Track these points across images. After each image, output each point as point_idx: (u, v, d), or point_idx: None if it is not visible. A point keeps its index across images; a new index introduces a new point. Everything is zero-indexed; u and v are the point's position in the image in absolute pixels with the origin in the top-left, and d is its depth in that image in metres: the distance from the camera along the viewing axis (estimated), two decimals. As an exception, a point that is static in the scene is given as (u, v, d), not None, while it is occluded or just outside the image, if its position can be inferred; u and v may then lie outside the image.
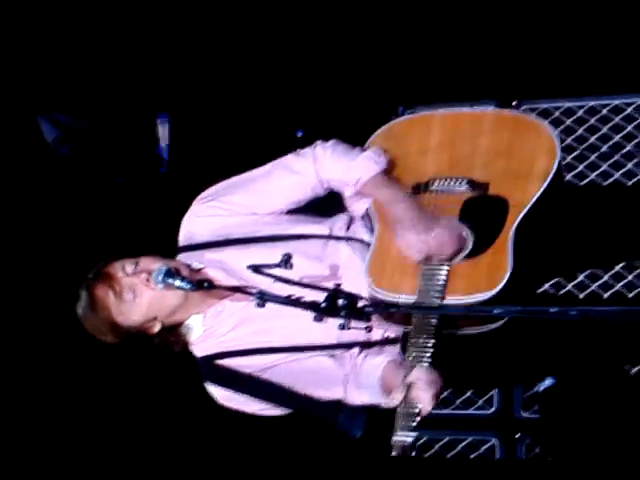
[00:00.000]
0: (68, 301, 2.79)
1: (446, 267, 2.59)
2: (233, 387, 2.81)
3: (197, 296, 2.76)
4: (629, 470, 2.19)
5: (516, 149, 2.72)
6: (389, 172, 2.79)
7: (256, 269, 2.58)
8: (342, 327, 2.38)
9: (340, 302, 2.35)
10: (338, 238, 2.84)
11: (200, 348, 2.85)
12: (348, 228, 2.87)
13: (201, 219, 2.87)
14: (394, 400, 2.41)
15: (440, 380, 2.47)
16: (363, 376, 2.75)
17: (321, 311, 2.37)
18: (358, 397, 2.72)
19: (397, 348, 2.81)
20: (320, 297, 2.40)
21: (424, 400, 2.40)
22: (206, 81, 4.04)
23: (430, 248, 2.63)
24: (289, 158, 2.86)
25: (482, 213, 2.67)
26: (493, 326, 2.58)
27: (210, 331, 2.84)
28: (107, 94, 3.93)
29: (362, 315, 2.38)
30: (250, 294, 2.49)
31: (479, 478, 2.12)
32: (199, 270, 2.82)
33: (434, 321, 2.49)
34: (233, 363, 2.81)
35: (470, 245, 2.63)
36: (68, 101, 3.88)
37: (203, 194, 2.89)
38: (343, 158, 2.78)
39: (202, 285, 2.62)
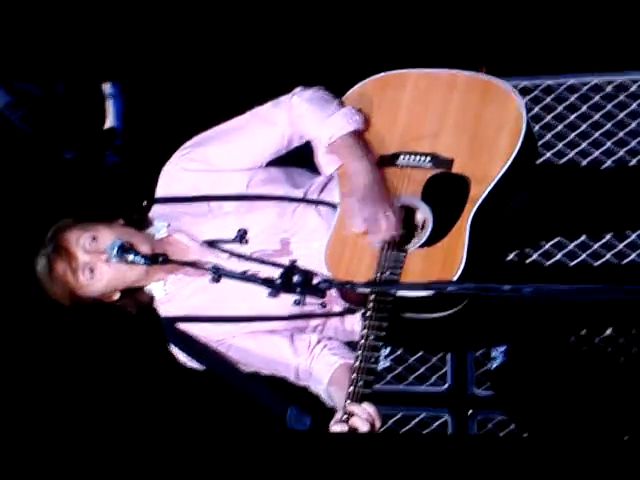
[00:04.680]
0: (16, 273, 2.74)
1: (402, 255, 2.56)
2: (191, 354, 2.82)
3: (157, 268, 2.73)
4: (580, 444, 2.21)
5: (482, 122, 2.65)
6: (363, 133, 2.73)
7: (211, 244, 2.58)
8: (297, 303, 2.38)
9: (295, 279, 2.35)
10: (309, 202, 2.81)
11: (163, 309, 2.85)
12: (322, 190, 2.83)
13: (177, 172, 2.83)
14: (332, 429, 2.40)
15: (379, 419, 2.42)
16: (315, 371, 2.74)
17: (276, 287, 2.37)
18: (305, 384, 2.75)
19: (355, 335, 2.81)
20: (276, 273, 2.39)
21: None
22: (163, 51, 3.99)
23: (368, 225, 2.59)
24: (266, 107, 2.82)
25: (444, 194, 2.62)
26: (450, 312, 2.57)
27: (172, 294, 2.84)
28: (60, 63, 3.87)
29: (317, 291, 2.37)
30: (205, 269, 2.48)
31: (431, 453, 2.13)
32: (166, 237, 2.80)
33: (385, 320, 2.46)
34: (192, 329, 2.81)
35: (428, 232, 2.58)
36: (21, 70, 3.82)
37: (184, 145, 2.85)
38: (318, 112, 2.73)
39: (157, 260, 2.61)
